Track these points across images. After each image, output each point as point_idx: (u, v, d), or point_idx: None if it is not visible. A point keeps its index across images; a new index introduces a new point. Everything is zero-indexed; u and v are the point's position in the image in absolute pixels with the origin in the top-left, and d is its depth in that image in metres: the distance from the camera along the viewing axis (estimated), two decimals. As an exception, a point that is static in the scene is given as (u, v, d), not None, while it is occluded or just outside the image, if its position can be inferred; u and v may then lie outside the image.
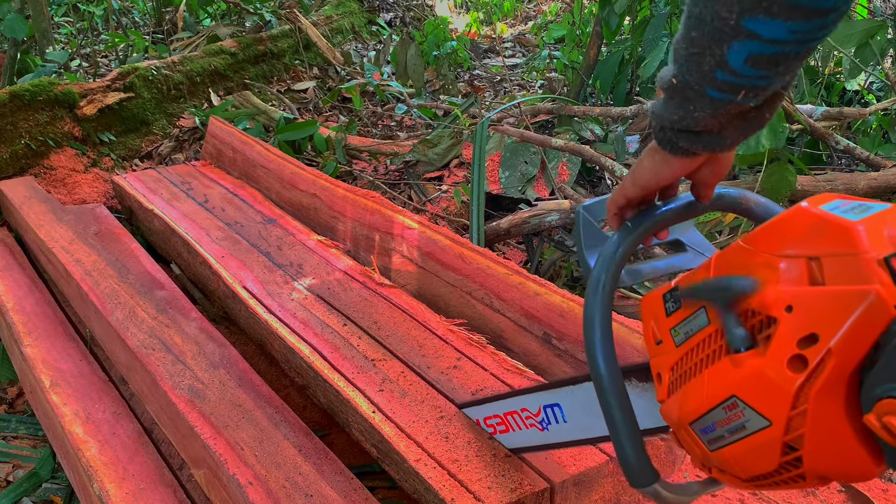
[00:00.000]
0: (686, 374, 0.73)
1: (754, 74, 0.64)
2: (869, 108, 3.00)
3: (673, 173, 0.77)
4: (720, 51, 0.63)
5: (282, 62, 4.38)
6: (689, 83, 0.67)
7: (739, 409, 0.65)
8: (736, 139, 0.72)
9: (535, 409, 1.16)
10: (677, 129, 0.72)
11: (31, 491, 1.74)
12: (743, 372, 0.64)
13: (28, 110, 2.94)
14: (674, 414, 0.74)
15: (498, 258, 1.94)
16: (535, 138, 2.93)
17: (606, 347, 0.80)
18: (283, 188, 2.62)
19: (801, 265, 0.62)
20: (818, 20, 0.59)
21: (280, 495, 1.33)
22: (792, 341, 0.60)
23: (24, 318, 2.07)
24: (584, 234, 0.90)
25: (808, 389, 0.60)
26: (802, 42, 0.61)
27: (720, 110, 0.68)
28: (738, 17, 0.60)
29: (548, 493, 1.26)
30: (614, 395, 0.80)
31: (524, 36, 6.11)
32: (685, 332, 0.73)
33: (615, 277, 0.82)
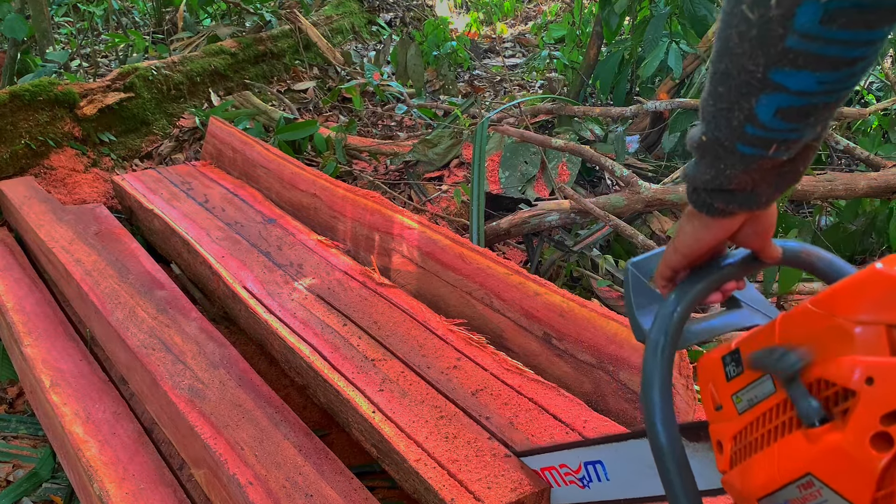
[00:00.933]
0: (752, 446, 0.69)
1: (785, 127, 0.62)
2: (869, 108, 3.00)
3: (714, 237, 0.74)
4: (748, 105, 0.61)
5: (282, 62, 4.38)
6: (720, 140, 0.65)
7: (816, 489, 0.61)
8: (771, 196, 0.70)
9: (576, 465, 1.12)
10: (711, 189, 0.69)
11: (31, 491, 1.74)
12: (820, 448, 0.60)
13: (28, 110, 2.94)
14: (739, 487, 0.70)
15: (498, 258, 1.94)
16: (535, 138, 2.93)
17: (667, 414, 0.74)
18: (283, 188, 2.62)
19: (881, 333, 0.58)
20: (846, 69, 0.58)
21: (280, 495, 1.33)
22: (875, 417, 0.56)
23: (24, 318, 2.07)
24: (633, 293, 0.86)
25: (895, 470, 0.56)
26: (831, 92, 0.60)
27: (752, 166, 0.66)
28: (764, 70, 0.58)
29: (548, 493, 1.26)
30: (677, 473, 0.73)
31: (524, 36, 6.11)
32: (748, 400, 0.69)
33: (674, 340, 0.78)
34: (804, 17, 0.55)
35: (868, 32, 0.56)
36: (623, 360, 1.55)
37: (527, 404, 1.46)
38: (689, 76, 3.37)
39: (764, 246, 0.76)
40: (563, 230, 2.61)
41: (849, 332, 0.59)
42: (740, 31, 0.59)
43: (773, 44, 0.57)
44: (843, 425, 0.58)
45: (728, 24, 0.60)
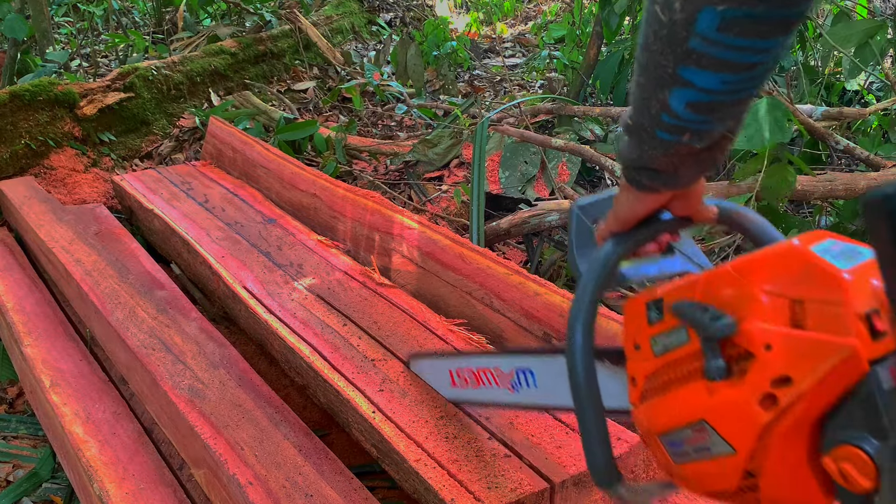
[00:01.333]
0: (660, 387, 0.75)
1: (695, 119, 0.67)
2: (869, 108, 3.00)
3: (645, 208, 0.81)
4: (663, 96, 0.67)
5: (282, 62, 4.38)
6: (643, 125, 0.71)
7: (707, 433, 0.68)
8: (692, 178, 0.77)
9: (508, 370, 1.20)
10: (638, 168, 0.76)
11: (31, 491, 1.74)
12: (715, 400, 0.67)
13: (28, 110, 2.94)
14: (644, 421, 0.77)
15: (498, 258, 1.94)
16: (535, 138, 2.93)
17: (586, 354, 0.82)
18: (283, 188, 2.62)
19: (786, 306, 0.63)
20: (746, 73, 0.63)
21: (280, 495, 1.33)
22: (766, 379, 0.62)
23: (24, 318, 2.07)
24: (576, 235, 0.92)
25: (776, 427, 0.62)
26: (734, 92, 0.65)
27: (670, 151, 0.72)
28: (674, 67, 0.64)
29: (548, 493, 1.26)
30: (589, 401, 0.82)
31: (524, 36, 6.11)
32: (664, 345, 0.75)
33: (602, 286, 0.84)
34: (704, 23, 0.60)
35: (762, 42, 0.61)
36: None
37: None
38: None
39: (695, 212, 0.84)
40: (563, 230, 2.61)
41: (758, 299, 0.65)
42: (654, 29, 0.64)
43: (679, 44, 0.62)
44: (740, 383, 0.65)
45: (646, 21, 0.65)
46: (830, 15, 3.72)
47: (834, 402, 0.61)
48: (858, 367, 0.59)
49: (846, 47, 2.89)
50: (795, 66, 3.28)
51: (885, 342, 0.60)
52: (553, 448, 1.34)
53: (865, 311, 0.60)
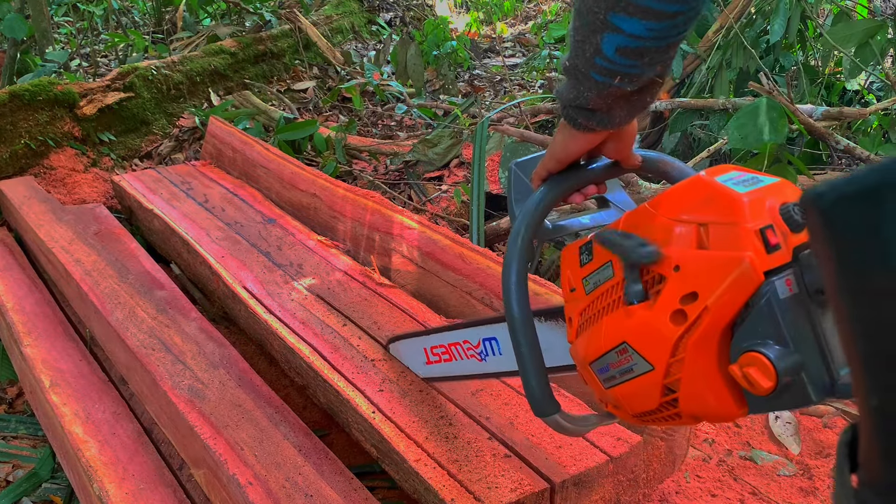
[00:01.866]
0: (591, 320, 0.81)
1: (625, 63, 0.73)
2: (869, 108, 3.00)
3: (580, 147, 0.86)
4: (596, 40, 0.72)
5: (282, 62, 4.38)
6: (578, 66, 0.77)
7: (629, 354, 0.74)
8: (624, 119, 0.82)
9: (476, 341, 1.25)
10: (574, 107, 0.81)
11: (31, 491, 1.74)
12: (634, 322, 0.73)
13: (28, 110, 2.94)
14: (579, 354, 0.83)
15: (498, 258, 1.94)
16: (535, 138, 2.93)
17: (520, 291, 0.87)
18: (283, 188, 2.62)
19: (692, 230, 0.69)
20: (668, 21, 0.69)
21: (280, 495, 1.33)
22: (676, 298, 0.68)
23: (24, 318, 2.07)
24: (514, 189, 0.98)
25: (687, 340, 0.68)
26: (660, 38, 0.71)
27: (603, 91, 0.77)
28: (605, 13, 0.70)
29: (548, 493, 1.26)
30: (523, 335, 0.87)
31: (524, 36, 6.11)
32: (594, 283, 0.81)
33: (534, 227, 0.89)
34: None
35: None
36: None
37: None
38: (689, 76, 3.37)
39: (625, 156, 0.89)
40: (563, 230, 2.60)
41: (670, 228, 0.71)
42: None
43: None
44: (653, 304, 0.71)
45: None
46: (830, 15, 3.71)
47: (737, 313, 0.65)
48: (755, 278, 0.64)
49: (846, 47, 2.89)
50: (795, 66, 3.28)
51: (781, 255, 0.65)
52: (553, 448, 1.34)
53: (760, 227, 0.65)
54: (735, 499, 1.62)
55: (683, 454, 1.48)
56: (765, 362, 0.63)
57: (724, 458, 1.75)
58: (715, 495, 1.62)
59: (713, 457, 1.75)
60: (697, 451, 1.76)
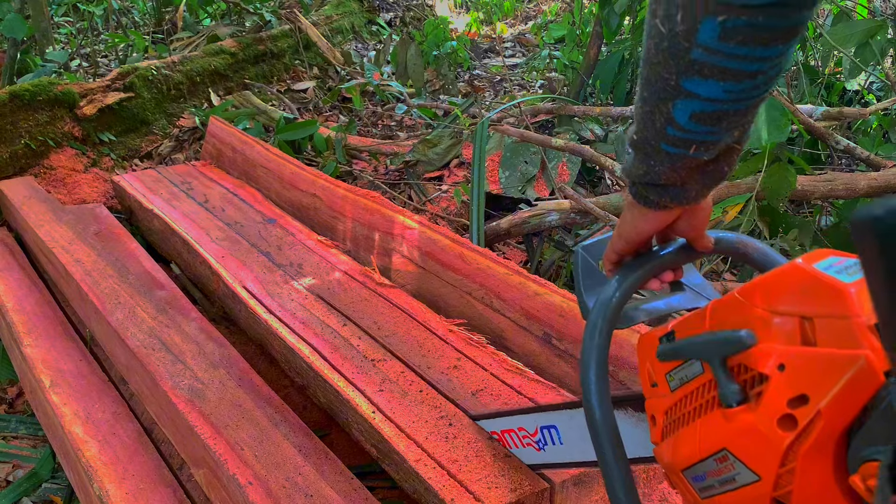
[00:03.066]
0: (679, 421, 0.74)
1: (701, 130, 0.68)
2: (869, 108, 3.00)
3: (651, 226, 0.81)
4: (667, 109, 0.67)
5: (282, 62, 4.38)
6: (647, 139, 0.71)
7: (730, 462, 0.67)
8: (700, 192, 0.77)
9: (533, 429, 1.19)
10: (645, 184, 0.76)
11: (31, 491, 1.74)
12: (734, 426, 0.66)
13: (28, 110, 2.94)
14: (666, 458, 0.76)
15: (498, 258, 1.94)
16: (535, 138, 2.93)
17: (602, 392, 0.81)
18: (283, 188, 2.62)
19: (795, 324, 0.63)
20: (749, 81, 0.64)
21: (280, 495, 1.33)
22: (783, 400, 0.62)
23: (24, 318, 2.07)
24: (582, 276, 0.91)
25: (798, 448, 0.61)
26: (738, 101, 0.66)
27: (677, 164, 0.72)
28: (677, 78, 0.65)
29: (548, 493, 1.26)
30: (609, 443, 0.80)
31: (524, 36, 6.11)
32: (680, 379, 0.75)
33: (612, 322, 0.83)
34: (705, 34, 0.61)
35: (763, 49, 0.62)
36: (623, 359, 1.55)
37: (527, 404, 1.46)
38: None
39: (698, 236, 0.83)
40: (563, 230, 2.60)
41: (767, 321, 0.64)
42: (655, 42, 0.65)
43: (681, 55, 0.63)
44: (756, 407, 0.64)
45: (647, 34, 0.66)
46: (830, 15, 3.71)
47: (854, 417, 0.59)
48: (874, 378, 0.58)
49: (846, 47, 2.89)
50: (795, 66, 3.28)
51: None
52: (553, 448, 1.34)
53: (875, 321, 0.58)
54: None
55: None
56: None
57: (724, 458, 1.75)
58: None
59: (713, 457, 1.75)
60: (697, 451, 1.76)
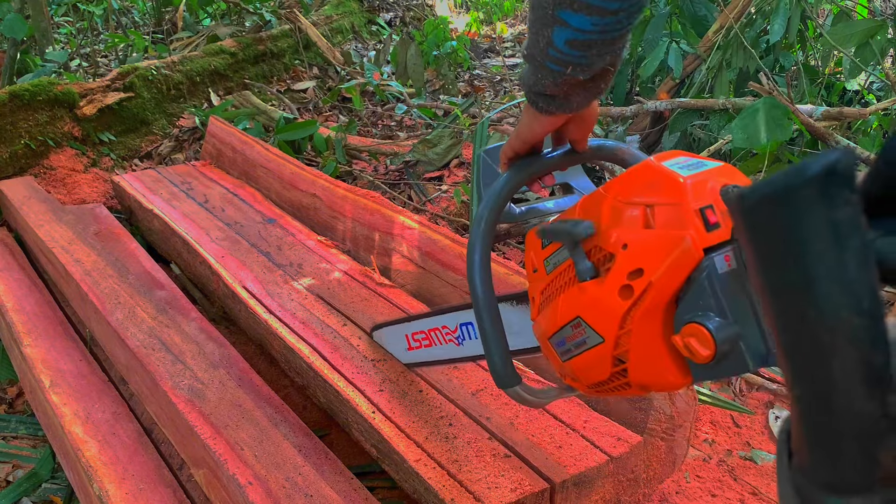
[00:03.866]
0: (549, 298, 0.86)
1: (575, 54, 0.78)
2: (869, 108, 3.00)
3: (543, 128, 0.91)
4: (547, 33, 0.77)
5: (282, 62, 4.38)
6: (535, 55, 0.82)
7: (582, 328, 0.79)
8: (581, 103, 0.88)
9: (454, 326, 1.30)
10: (535, 92, 0.86)
11: (31, 491, 1.74)
12: (586, 297, 0.78)
13: (28, 110, 2.94)
14: (540, 330, 0.88)
15: (498, 258, 1.94)
16: (535, 138, 2.92)
17: (483, 272, 0.92)
18: (283, 188, 2.61)
19: (640, 211, 0.74)
20: (611, 17, 0.74)
21: (280, 495, 1.33)
22: (623, 274, 0.73)
23: (24, 318, 2.07)
24: (482, 175, 1.03)
25: (633, 313, 0.72)
26: (605, 32, 0.76)
27: (559, 80, 0.82)
28: (553, 9, 0.75)
29: (548, 493, 1.26)
30: (486, 312, 0.92)
31: (524, 36, 6.11)
32: (553, 263, 0.86)
33: (497, 211, 0.94)
34: None
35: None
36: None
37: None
38: (689, 76, 3.37)
39: (581, 139, 0.96)
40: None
41: (620, 210, 0.75)
42: None
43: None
44: (604, 280, 0.75)
45: None
46: (830, 15, 3.71)
47: (680, 288, 0.70)
48: (695, 254, 0.69)
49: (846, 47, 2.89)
50: (795, 66, 3.28)
51: (720, 233, 0.69)
52: (553, 448, 1.34)
53: (700, 206, 0.70)
54: (735, 499, 1.62)
55: (683, 454, 1.48)
56: (704, 333, 0.67)
57: (724, 458, 1.75)
58: (715, 495, 1.63)
59: (713, 457, 1.76)
60: (697, 452, 1.76)
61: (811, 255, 0.39)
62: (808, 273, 0.40)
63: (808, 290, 0.40)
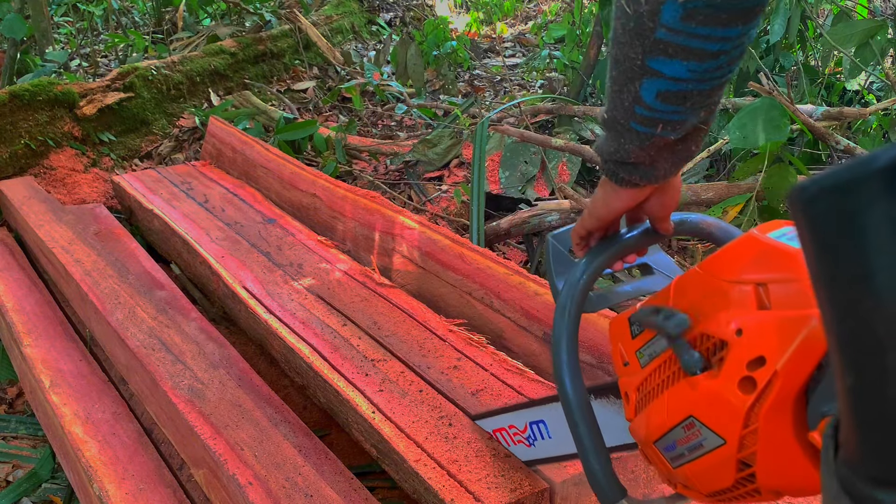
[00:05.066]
0: (650, 395, 0.76)
1: (667, 109, 0.70)
2: (869, 108, 3.00)
3: (623, 203, 0.82)
4: (634, 88, 0.69)
5: (282, 62, 4.38)
6: (617, 118, 0.73)
7: (697, 429, 0.69)
8: (669, 170, 0.78)
9: (522, 426, 1.20)
10: (616, 161, 0.77)
11: (31, 491, 1.74)
12: (699, 393, 0.68)
13: (28, 110, 2.94)
14: (640, 432, 0.78)
15: (498, 258, 1.94)
16: (535, 138, 2.93)
17: (573, 370, 0.83)
18: (283, 188, 2.61)
19: (751, 291, 0.65)
20: (711, 61, 0.66)
21: (280, 495, 1.33)
22: (742, 364, 0.64)
23: (24, 318, 2.07)
24: (553, 262, 0.94)
25: (758, 409, 0.63)
26: (702, 80, 0.68)
27: (646, 143, 0.73)
28: (643, 58, 0.67)
29: (548, 493, 1.26)
30: (581, 416, 0.82)
31: (524, 36, 6.11)
32: (649, 355, 0.77)
33: (580, 302, 0.85)
34: (668, 14, 0.63)
35: (724, 30, 0.64)
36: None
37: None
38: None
39: (664, 217, 0.85)
40: (563, 230, 2.60)
41: (725, 290, 0.67)
42: (622, 22, 0.67)
43: (646, 35, 0.65)
44: (718, 372, 0.66)
45: (615, 16, 0.68)
46: (830, 15, 3.71)
47: (810, 375, 0.61)
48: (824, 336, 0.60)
49: (846, 47, 2.88)
50: (795, 66, 3.28)
51: None
52: (553, 448, 1.34)
53: None
54: (735, 499, 1.62)
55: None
56: None
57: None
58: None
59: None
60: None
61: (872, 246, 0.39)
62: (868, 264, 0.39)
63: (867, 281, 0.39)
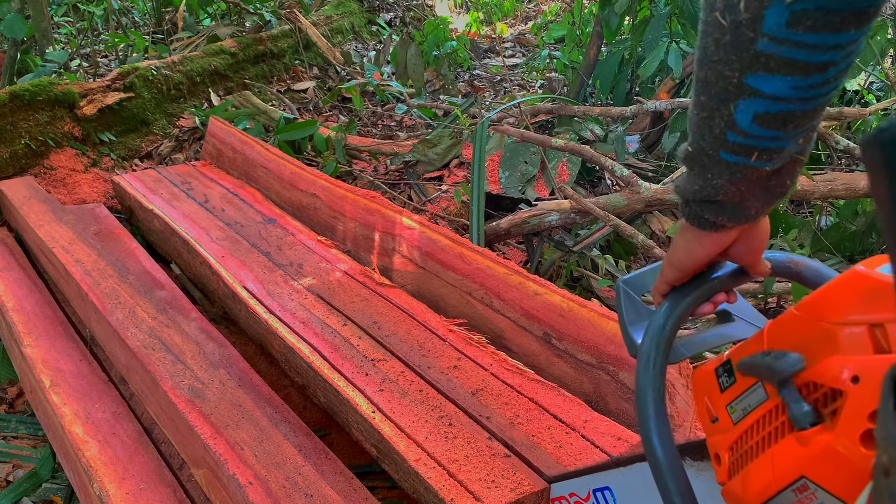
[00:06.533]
0: (748, 454, 0.69)
1: (764, 135, 0.62)
2: (869, 108, 3.00)
3: (707, 250, 0.74)
4: (728, 111, 0.62)
5: (282, 62, 4.38)
6: (704, 149, 0.66)
7: (811, 491, 0.61)
8: (760, 209, 0.70)
9: (584, 494, 1.11)
10: (700, 201, 0.69)
11: (31, 491, 1.74)
12: (811, 451, 0.60)
13: (28, 110, 2.94)
14: (737, 497, 0.70)
15: (498, 258, 1.94)
16: (535, 138, 2.93)
17: (662, 427, 0.74)
18: (283, 188, 2.62)
19: (864, 333, 0.58)
20: (818, 75, 0.58)
21: (280, 495, 1.33)
22: (863, 415, 0.56)
23: (24, 318, 2.07)
24: (626, 310, 0.86)
25: None
26: (806, 99, 0.60)
27: (737, 175, 0.66)
28: (740, 75, 0.59)
29: (548, 493, 1.26)
30: (673, 480, 0.73)
31: (524, 36, 6.11)
32: (742, 409, 0.70)
33: (665, 352, 0.77)
34: (771, 20, 0.56)
35: (835, 36, 0.56)
36: (623, 360, 1.55)
37: (527, 404, 1.46)
38: (689, 76, 3.37)
39: (754, 261, 0.77)
40: (563, 230, 2.60)
41: (834, 333, 0.60)
42: (715, 38, 0.60)
43: (745, 48, 0.58)
44: (833, 426, 0.58)
45: (705, 32, 0.61)
46: (830, 15, 3.71)
47: None
48: None
49: (846, 47, 2.88)
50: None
51: None
52: (553, 448, 1.34)
53: None
54: None
55: (683, 454, 1.48)
56: None
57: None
58: (715, 495, 1.62)
59: (713, 457, 1.75)
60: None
61: None
62: None
63: None
